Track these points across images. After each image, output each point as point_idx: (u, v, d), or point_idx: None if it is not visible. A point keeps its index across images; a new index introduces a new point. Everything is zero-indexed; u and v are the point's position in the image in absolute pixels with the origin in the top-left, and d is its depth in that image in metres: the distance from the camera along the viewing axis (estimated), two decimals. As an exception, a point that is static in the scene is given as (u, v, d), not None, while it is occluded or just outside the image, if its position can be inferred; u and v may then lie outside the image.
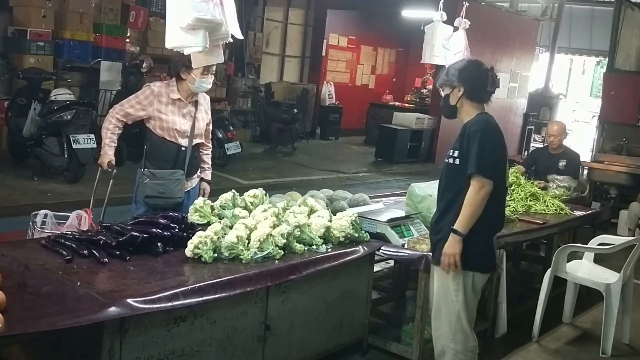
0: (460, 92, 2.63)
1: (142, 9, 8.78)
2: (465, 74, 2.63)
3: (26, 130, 6.50)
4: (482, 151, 2.51)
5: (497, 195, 2.58)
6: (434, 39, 5.24)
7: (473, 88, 2.63)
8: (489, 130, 2.57)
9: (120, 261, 2.39)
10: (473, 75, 2.64)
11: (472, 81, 2.63)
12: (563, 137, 5.27)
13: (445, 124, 11.14)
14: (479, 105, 2.66)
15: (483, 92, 2.64)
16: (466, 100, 2.64)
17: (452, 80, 2.65)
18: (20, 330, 1.82)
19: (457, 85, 2.63)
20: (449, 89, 2.67)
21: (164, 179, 3.25)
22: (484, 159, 2.51)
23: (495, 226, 2.70)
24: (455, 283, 2.60)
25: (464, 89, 2.62)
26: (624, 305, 3.81)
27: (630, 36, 8.02)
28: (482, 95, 2.65)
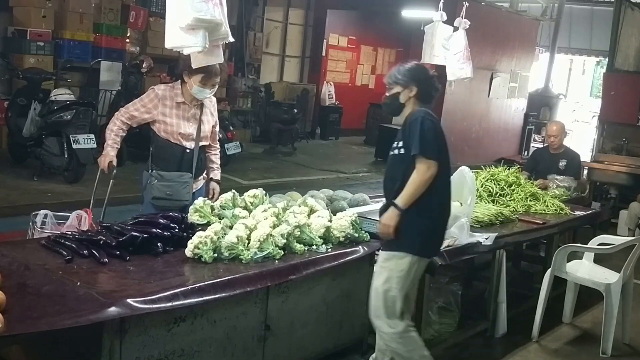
0: (412, 93, 2.77)
1: (142, 9, 8.78)
2: (419, 76, 2.78)
3: (26, 130, 6.50)
4: (424, 134, 2.63)
5: (441, 182, 2.68)
6: (434, 39, 5.24)
7: (426, 91, 2.79)
8: (429, 117, 2.69)
9: (120, 261, 2.39)
10: (426, 78, 2.80)
11: (425, 84, 2.78)
12: (563, 136, 5.27)
13: (446, 123, 11.11)
14: (425, 106, 2.79)
15: (432, 96, 2.82)
16: (416, 100, 2.78)
17: (406, 81, 2.78)
18: (20, 330, 1.82)
19: (410, 86, 2.77)
20: (400, 88, 2.79)
21: (172, 181, 3.25)
22: (427, 140, 2.62)
23: (441, 213, 2.77)
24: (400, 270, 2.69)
25: (417, 91, 2.77)
26: (624, 305, 3.81)
27: (630, 36, 8.01)
28: (431, 99, 2.81)
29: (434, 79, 2.83)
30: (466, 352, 3.56)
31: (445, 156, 2.71)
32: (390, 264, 2.72)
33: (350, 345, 3.19)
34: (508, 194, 4.27)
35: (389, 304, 2.71)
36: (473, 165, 4.50)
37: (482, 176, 4.35)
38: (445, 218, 2.81)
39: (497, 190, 4.25)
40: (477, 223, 3.67)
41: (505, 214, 3.93)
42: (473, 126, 11.87)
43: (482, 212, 3.79)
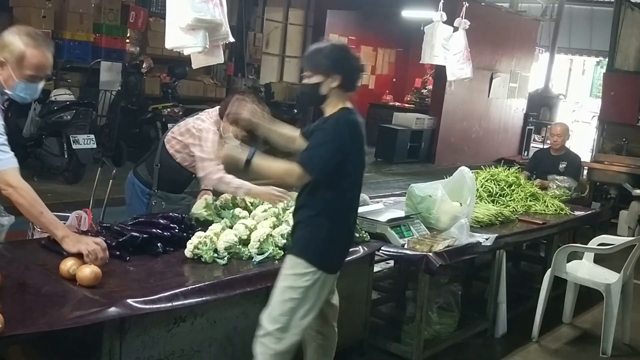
0: (335, 83, 2.31)
1: (142, 10, 8.78)
2: (344, 63, 2.33)
3: (26, 130, 6.50)
4: (326, 154, 2.24)
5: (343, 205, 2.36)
6: (433, 39, 5.25)
7: (350, 80, 2.35)
8: (346, 137, 2.27)
9: (120, 261, 2.39)
10: (351, 65, 2.36)
11: (350, 72, 2.35)
12: (566, 138, 5.28)
13: (446, 124, 11.16)
14: (348, 97, 2.37)
15: (356, 82, 2.39)
16: (339, 91, 2.33)
17: (328, 69, 2.31)
18: (20, 331, 1.82)
19: (332, 75, 2.30)
20: (322, 77, 2.32)
21: (176, 204, 3.22)
22: (323, 160, 2.24)
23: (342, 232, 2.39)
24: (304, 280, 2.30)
25: (341, 80, 2.31)
26: (624, 306, 3.81)
27: (630, 36, 8.01)
28: (355, 87, 2.38)
29: (358, 63, 2.40)
30: (466, 352, 3.56)
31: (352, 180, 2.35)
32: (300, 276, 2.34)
33: (350, 345, 3.19)
34: (508, 194, 4.27)
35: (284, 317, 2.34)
36: (473, 165, 4.51)
37: (482, 176, 4.35)
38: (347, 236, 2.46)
39: (497, 190, 4.25)
40: (477, 223, 3.67)
41: (505, 214, 3.93)
42: (473, 126, 11.88)
43: (482, 213, 3.79)
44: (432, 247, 3.09)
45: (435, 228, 3.41)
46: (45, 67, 2.32)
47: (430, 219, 3.44)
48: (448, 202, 3.47)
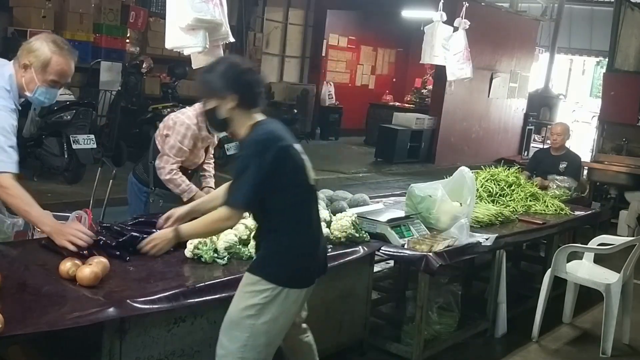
0: (232, 104, 2.14)
1: (142, 10, 8.79)
2: (235, 80, 2.15)
3: (26, 130, 6.50)
4: (246, 184, 2.10)
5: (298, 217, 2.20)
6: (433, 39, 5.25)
7: (246, 95, 2.15)
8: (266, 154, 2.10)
9: (120, 261, 2.39)
10: (245, 80, 2.17)
11: (242, 87, 2.15)
12: (566, 137, 5.27)
13: (446, 124, 11.17)
14: (255, 112, 2.20)
15: (256, 96, 2.19)
16: (241, 110, 2.16)
17: (220, 91, 2.15)
18: (20, 331, 1.82)
19: (228, 96, 2.13)
20: (216, 101, 2.16)
21: (174, 203, 3.22)
22: (245, 191, 2.11)
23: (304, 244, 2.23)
24: (262, 297, 2.13)
25: (238, 99, 2.14)
26: (624, 306, 3.81)
27: (630, 36, 8.01)
28: (256, 100, 2.19)
29: (254, 76, 2.21)
30: (466, 352, 3.56)
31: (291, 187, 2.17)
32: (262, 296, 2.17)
33: (350, 345, 3.19)
34: (508, 194, 4.27)
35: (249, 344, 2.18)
36: (473, 165, 4.51)
37: (482, 176, 4.35)
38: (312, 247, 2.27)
39: (497, 190, 4.25)
40: (477, 223, 3.68)
41: (505, 214, 3.93)
42: (473, 126, 11.88)
43: (482, 213, 3.79)
44: (432, 247, 3.09)
45: (435, 228, 3.41)
46: (67, 75, 2.45)
47: (430, 219, 3.44)
48: (448, 202, 3.47)
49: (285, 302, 2.16)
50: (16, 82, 2.38)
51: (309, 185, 2.24)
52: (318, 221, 2.33)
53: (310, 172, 2.25)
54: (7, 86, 2.35)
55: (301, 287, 2.22)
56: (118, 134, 7.43)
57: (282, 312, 2.17)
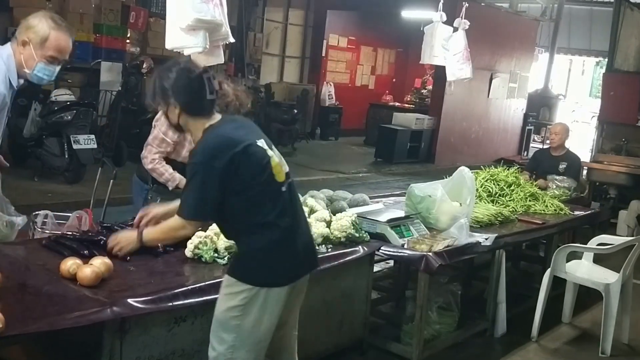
0: (177, 109, 2.14)
1: (142, 10, 8.79)
2: (176, 87, 2.12)
3: (27, 130, 6.51)
4: (200, 191, 2.07)
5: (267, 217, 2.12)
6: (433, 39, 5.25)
7: (190, 102, 2.13)
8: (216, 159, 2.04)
9: (120, 261, 2.39)
10: (183, 86, 2.12)
11: (185, 94, 2.12)
12: (565, 137, 5.26)
13: (445, 124, 11.17)
14: (204, 118, 2.15)
15: (203, 102, 2.14)
16: (188, 116, 2.15)
17: (164, 98, 2.14)
18: (21, 331, 1.83)
19: (172, 102, 2.13)
20: (164, 107, 2.17)
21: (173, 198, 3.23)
22: (201, 201, 2.08)
23: (279, 243, 2.15)
24: (241, 299, 2.11)
25: (180, 105, 2.13)
26: (623, 305, 3.82)
27: (630, 36, 8.02)
28: (202, 107, 2.14)
29: (197, 83, 2.12)
30: (466, 351, 3.57)
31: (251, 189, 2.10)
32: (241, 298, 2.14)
33: (350, 345, 3.19)
34: (507, 194, 4.28)
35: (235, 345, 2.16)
36: (472, 165, 4.52)
37: (481, 176, 4.36)
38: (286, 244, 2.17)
39: (497, 190, 4.26)
40: (477, 223, 3.68)
41: (505, 214, 3.94)
42: (473, 126, 11.89)
43: (481, 212, 3.80)
44: (432, 247, 3.10)
45: (435, 228, 3.42)
46: (65, 51, 2.47)
47: (430, 219, 3.45)
48: (448, 202, 3.47)
49: (267, 302, 2.12)
50: (15, 61, 2.42)
51: (274, 182, 2.15)
52: (294, 217, 2.21)
53: (278, 167, 2.18)
54: (3, 69, 2.41)
55: (279, 285, 2.15)
56: (118, 134, 7.43)
57: (266, 312, 2.13)
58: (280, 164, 2.20)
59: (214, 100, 2.16)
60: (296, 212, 2.24)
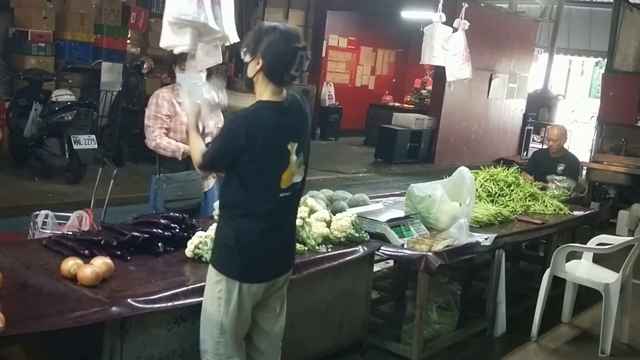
0: (258, 66, 2.11)
1: (143, 10, 8.80)
2: (270, 46, 2.08)
3: (27, 131, 6.52)
4: (215, 149, 2.16)
5: (251, 208, 2.12)
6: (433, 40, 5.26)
7: (274, 66, 2.09)
8: (240, 133, 2.06)
9: (121, 261, 2.40)
10: (278, 50, 2.09)
11: (275, 58, 2.09)
12: (563, 141, 5.27)
13: (445, 124, 11.17)
14: (276, 87, 2.13)
15: (285, 73, 2.10)
16: (264, 77, 2.12)
17: (252, 48, 2.12)
18: (21, 331, 1.83)
19: (258, 56, 2.10)
20: (249, 57, 2.13)
21: (180, 181, 3.25)
22: (211, 155, 2.17)
23: (257, 237, 2.14)
24: (218, 290, 2.15)
25: (263, 64, 2.10)
26: (623, 305, 3.82)
27: (629, 37, 8.03)
28: (282, 77, 2.11)
29: (292, 54, 2.09)
30: (465, 351, 3.58)
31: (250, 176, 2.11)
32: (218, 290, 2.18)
33: (350, 345, 3.20)
34: (507, 194, 4.28)
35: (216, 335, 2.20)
36: (472, 165, 4.53)
37: (481, 176, 4.36)
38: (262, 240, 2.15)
39: (496, 190, 4.27)
40: (476, 223, 3.69)
41: (505, 214, 3.94)
42: (472, 127, 11.89)
43: (481, 212, 3.81)
44: (432, 247, 3.11)
45: (434, 228, 3.43)
46: None
47: (430, 219, 3.45)
48: (447, 202, 3.48)
49: (242, 296, 2.14)
50: None
51: (276, 187, 2.12)
52: (281, 222, 2.20)
53: (288, 176, 2.14)
54: None
55: (251, 282, 2.15)
56: (119, 135, 7.44)
57: (241, 306, 2.16)
58: (293, 173, 2.16)
59: (295, 78, 2.13)
60: (285, 216, 2.22)
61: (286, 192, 2.16)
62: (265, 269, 2.21)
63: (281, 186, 2.14)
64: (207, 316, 2.19)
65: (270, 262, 2.21)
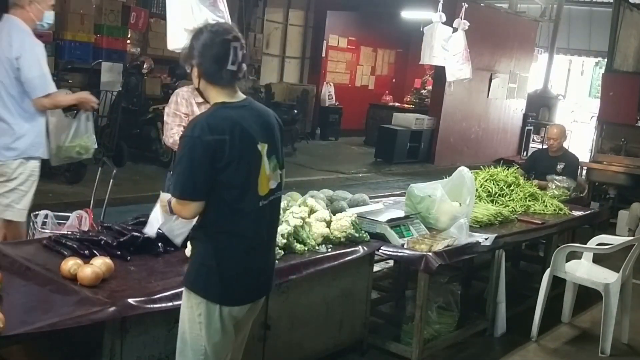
0: (197, 72, 1.95)
1: (143, 10, 8.80)
2: (200, 48, 1.92)
3: (27, 131, 6.50)
4: (191, 170, 1.87)
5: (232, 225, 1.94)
6: (433, 40, 5.26)
7: (209, 66, 1.92)
8: (204, 139, 1.85)
9: (121, 261, 2.40)
10: (208, 49, 1.91)
11: (207, 57, 1.92)
12: (563, 140, 5.28)
13: (445, 124, 11.18)
14: (223, 89, 1.95)
15: (221, 70, 1.91)
16: (206, 82, 1.95)
17: (190, 57, 1.95)
18: (21, 330, 1.83)
19: (194, 63, 1.95)
20: (188, 68, 1.98)
21: None
22: (192, 179, 1.88)
23: (235, 255, 1.97)
24: (198, 315, 1.97)
25: (200, 68, 1.93)
26: (623, 305, 3.82)
27: (629, 37, 8.03)
28: (220, 75, 1.92)
29: (222, 47, 1.90)
30: (465, 351, 3.58)
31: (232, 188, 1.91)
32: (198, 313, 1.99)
33: (350, 345, 3.20)
34: (507, 194, 4.28)
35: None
36: (472, 165, 4.53)
37: (481, 176, 4.36)
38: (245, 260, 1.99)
39: (496, 190, 4.27)
40: (476, 223, 3.69)
41: (505, 214, 3.94)
42: (472, 127, 11.89)
43: (481, 212, 3.81)
44: (432, 247, 3.11)
45: (434, 228, 3.43)
46: None
47: (430, 219, 3.45)
48: (447, 202, 3.48)
49: (223, 320, 1.98)
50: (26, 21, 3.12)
51: (254, 193, 1.95)
52: (262, 236, 2.02)
53: (264, 180, 1.97)
54: (27, 30, 3.13)
55: (233, 305, 1.99)
56: (119, 135, 7.44)
57: (223, 329, 1.99)
58: (270, 177, 2.00)
59: (236, 73, 1.93)
60: (266, 231, 2.04)
61: (264, 200, 1.98)
62: (247, 290, 2.03)
63: (259, 192, 1.97)
64: (187, 343, 2.00)
65: (252, 282, 2.04)
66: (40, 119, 3.29)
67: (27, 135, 3.22)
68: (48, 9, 3.20)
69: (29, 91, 3.14)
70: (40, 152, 3.33)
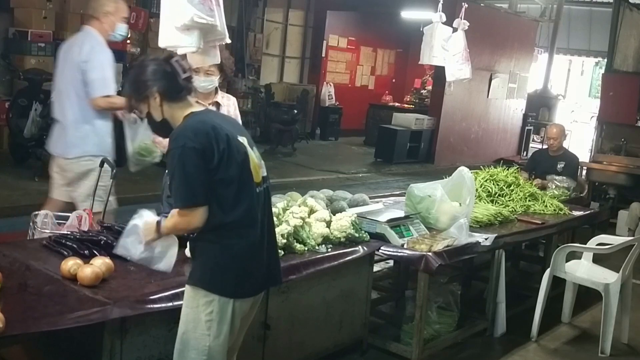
0: (157, 99, 2.04)
1: (143, 10, 8.80)
2: (151, 75, 2.04)
3: (27, 131, 6.52)
4: (186, 178, 1.94)
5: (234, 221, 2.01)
6: (433, 40, 5.25)
7: (167, 85, 2.04)
8: (190, 145, 1.93)
9: (121, 261, 2.39)
10: (157, 72, 2.05)
11: (161, 79, 2.04)
12: (562, 139, 5.32)
13: (445, 124, 11.18)
14: (186, 103, 2.08)
15: (179, 83, 2.05)
16: (169, 102, 2.05)
17: (143, 91, 2.04)
18: (21, 330, 1.83)
19: (151, 92, 2.03)
20: (145, 105, 2.06)
21: None
22: (190, 186, 1.95)
23: (244, 251, 2.04)
24: (208, 312, 2.01)
25: (159, 92, 2.03)
26: (623, 305, 3.83)
27: (629, 37, 8.03)
28: (180, 88, 2.06)
29: (165, 66, 2.05)
30: (465, 351, 3.58)
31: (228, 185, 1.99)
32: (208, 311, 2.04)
33: (350, 345, 3.20)
34: (507, 194, 4.28)
35: None
36: (472, 165, 4.53)
37: (481, 176, 4.37)
38: (249, 254, 2.06)
39: (496, 190, 4.27)
40: (476, 223, 3.69)
41: (504, 214, 3.94)
42: (472, 127, 11.89)
43: (481, 213, 3.81)
44: (432, 247, 3.11)
45: (434, 228, 3.43)
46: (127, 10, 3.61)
47: (430, 219, 3.45)
48: (447, 202, 3.48)
49: (234, 314, 2.03)
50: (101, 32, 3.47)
51: (251, 181, 2.05)
52: (264, 224, 2.10)
53: (256, 168, 2.08)
54: (100, 39, 3.47)
55: (238, 297, 2.05)
56: (119, 135, 7.43)
57: (232, 325, 2.05)
58: (259, 166, 2.12)
59: (190, 79, 2.10)
60: (267, 219, 2.14)
61: (260, 187, 2.09)
62: (256, 279, 2.11)
63: (255, 179, 2.07)
64: (189, 344, 2.02)
65: (263, 271, 2.11)
66: (101, 120, 3.57)
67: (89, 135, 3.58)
68: (121, 21, 3.51)
69: (89, 91, 3.38)
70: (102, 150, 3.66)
